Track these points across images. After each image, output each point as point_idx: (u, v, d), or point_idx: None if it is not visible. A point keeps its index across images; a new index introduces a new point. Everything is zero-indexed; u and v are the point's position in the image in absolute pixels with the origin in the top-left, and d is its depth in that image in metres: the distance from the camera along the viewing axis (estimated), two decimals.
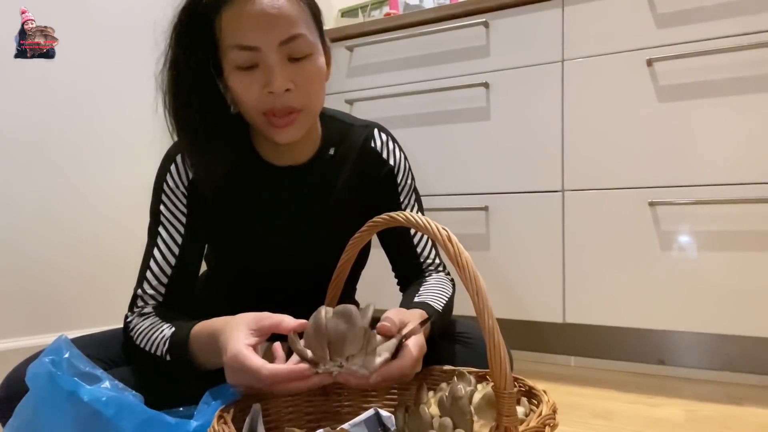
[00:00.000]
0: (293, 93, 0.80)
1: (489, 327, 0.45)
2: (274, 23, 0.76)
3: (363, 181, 0.97)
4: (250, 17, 0.76)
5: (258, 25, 0.76)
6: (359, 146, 0.97)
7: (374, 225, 0.64)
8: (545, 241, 1.58)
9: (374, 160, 0.98)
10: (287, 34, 0.77)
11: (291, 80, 0.79)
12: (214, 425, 0.54)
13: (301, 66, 0.80)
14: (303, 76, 0.80)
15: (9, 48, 1.38)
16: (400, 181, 1.00)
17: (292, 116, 0.81)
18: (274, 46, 0.77)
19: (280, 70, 0.78)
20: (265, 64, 0.78)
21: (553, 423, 0.52)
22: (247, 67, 0.78)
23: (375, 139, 0.99)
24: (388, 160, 0.99)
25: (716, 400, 1.33)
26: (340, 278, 0.73)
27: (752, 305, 1.35)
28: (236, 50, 0.77)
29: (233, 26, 0.77)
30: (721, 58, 1.37)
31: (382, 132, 1.01)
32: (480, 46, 1.68)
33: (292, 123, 0.82)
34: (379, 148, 0.99)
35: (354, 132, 0.99)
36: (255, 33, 0.76)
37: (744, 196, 1.35)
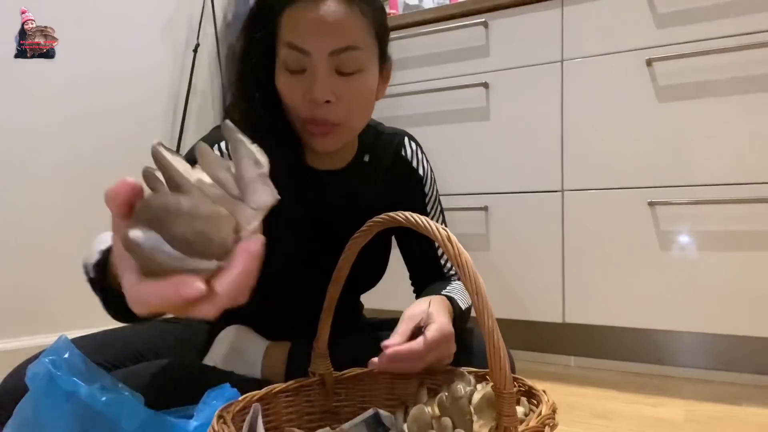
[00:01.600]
0: (334, 106, 0.78)
1: (489, 327, 0.45)
2: (330, 30, 0.75)
3: (394, 189, 0.98)
4: (308, 19, 0.75)
5: (313, 29, 0.75)
6: (391, 153, 0.98)
7: (374, 224, 0.64)
8: (545, 241, 1.58)
9: (405, 168, 0.99)
10: (340, 44, 0.76)
11: (334, 92, 0.77)
12: (214, 425, 0.54)
13: (348, 81, 0.78)
14: (347, 90, 0.78)
15: (9, 48, 1.38)
16: (428, 191, 1.01)
17: (329, 129, 0.80)
18: (325, 53, 0.76)
19: (323, 79, 0.76)
20: (312, 70, 0.77)
21: (553, 423, 0.52)
22: (295, 70, 0.78)
23: (406, 147, 1.00)
24: (418, 169, 1.00)
25: (716, 400, 1.33)
26: (338, 281, 0.72)
27: (752, 305, 1.35)
28: (288, 49, 0.77)
29: (291, 25, 0.76)
30: (721, 58, 1.37)
31: (411, 141, 1.02)
32: (480, 46, 1.68)
33: (327, 135, 0.81)
34: (409, 157, 1.00)
35: (385, 139, 0.99)
36: (309, 36, 0.75)
37: (744, 196, 1.35)
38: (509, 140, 1.64)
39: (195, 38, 1.91)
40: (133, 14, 1.76)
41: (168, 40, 1.86)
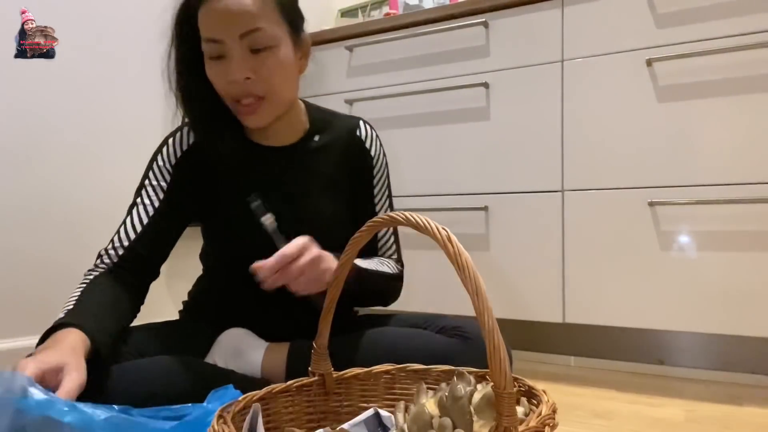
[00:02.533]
0: (254, 81, 0.89)
1: (489, 327, 0.45)
2: (235, 18, 0.86)
3: (347, 168, 1.06)
4: (216, 13, 0.87)
5: (221, 20, 0.87)
6: (345, 134, 1.06)
7: (374, 225, 0.64)
8: (545, 241, 1.58)
9: (358, 148, 1.07)
10: (246, 28, 0.87)
11: (251, 69, 0.88)
12: (214, 425, 0.54)
13: (262, 57, 0.89)
14: (263, 66, 0.89)
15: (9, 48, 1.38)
16: (376, 172, 1.08)
17: (254, 104, 0.91)
18: (235, 38, 0.87)
19: (238, 60, 0.88)
20: (228, 54, 0.88)
21: (553, 423, 0.52)
22: (216, 58, 0.89)
23: (360, 129, 1.08)
24: (370, 149, 1.08)
25: (716, 400, 1.33)
26: (340, 278, 0.72)
27: (752, 305, 1.35)
28: (206, 42, 0.89)
29: (204, 21, 0.88)
30: (721, 58, 1.37)
31: (366, 124, 1.10)
32: (480, 46, 1.68)
33: (255, 110, 0.92)
34: (363, 138, 1.08)
35: (339, 122, 1.08)
36: (218, 27, 0.87)
37: (744, 196, 1.35)
38: (509, 140, 1.64)
39: None
40: (133, 14, 1.76)
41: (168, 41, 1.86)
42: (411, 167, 1.78)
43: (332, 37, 1.90)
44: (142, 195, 0.98)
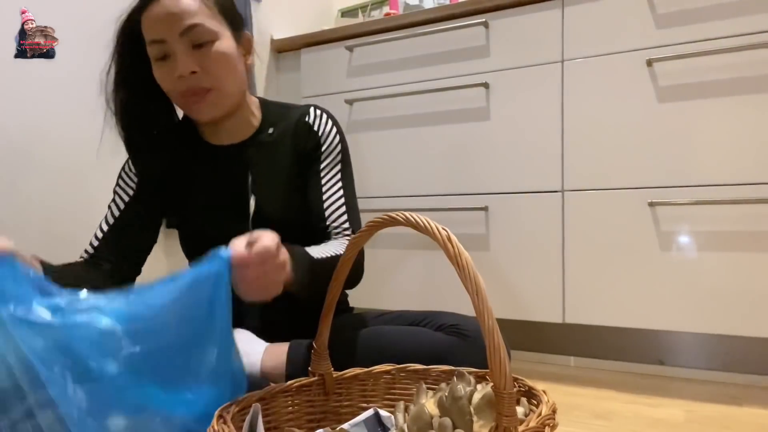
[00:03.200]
0: (200, 75, 0.93)
1: (489, 327, 0.45)
2: (174, 17, 0.91)
3: (295, 154, 1.07)
4: (156, 16, 0.92)
5: (161, 21, 0.91)
6: (295, 122, 1.08)
7: (374, 225, 0.64)
8: (545, 241, 1.58)
9: (305, 131, 1.08)
10: (185, 25, 0.91)
11: (196, 63, 0.93)
12: (214, 425, 0.54)
13: (205, 51, 0.93)
14: (207, 59, 0.94)
15: (9, 48, 1.38)
16: (325, 149, 1.07)
17: (203, 96, 0.95)
18: (176, 36, 0.91)
19: (182, 56, 0.92)
20: (172, 52, 0.93)
21: (553, 423, 0.52)
22: (161, 58, 0.94)
23: (310, 114, 1.09)
24: (316, 129, 1.07)
25: (716, 400, 1.33)
26: (339, 278, 0.72)
27: (752, 305, 1.35)
28: (150, 45, 0.94)
29: (147, 25, 0.93)
30: (721, 59, 1.37)
31: (318, 109, 1.10)
32: (480, 46, 1.68)
33: (204, 101, 0.96)
34: (311, 121, 1.08)
35: (292, 112, 1.10)
36: (160, 27, 0.92)
37: (744, 197, 1.35)
38: (509, 140, 1.64)
39: None
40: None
41: None
42: (411, 167, 1.78)
43: (332, 37, 1.90)
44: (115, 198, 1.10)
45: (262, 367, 0.94)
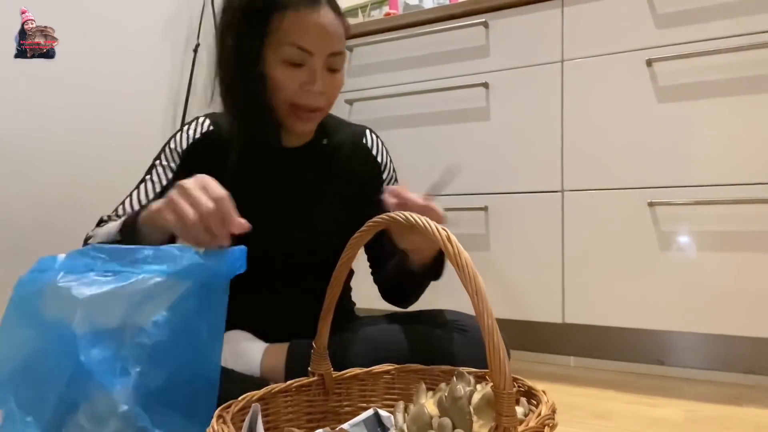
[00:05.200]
0: (323, 96, 0.95)
1: (488, 327, 0.45)
2: (330, 37, 0.91)
3: (353, 173, 1.07)
4: (314, 25, 0.90)
5: (318, 35, 0.90)
6: (352, 140, 1.09)
7: (374, 225, 0.64)
8: (545, 241, 1.58)
9: (364, 155, 1.10)
10: (336, 49, 0.93)
11: (325, 85, 0.93)
12: (213, 425, 0.54)
13: (334, 77, 0.96)
14: (332, 85, 0.96)
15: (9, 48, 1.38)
16: (385, 178, 1.11)
17: (315, 113, 0.96)
18: (324, 55, 0.91)
19: (322, 75, 0.92)
20: (310, 66, 0.91)
21: (553, 423, 0.52)
22: (294, 64, 0.91)
23: (367, 137, 1.11)
24: (377, 157, 1.10)
25: (716, 400, 1.33)
26: (339, 278, 0.72)
27: (752, 305, 1.35)
28: (293, 48, 0.90)
29: (297, 28, 0.89)
30: (721, 59, 1.37)
31: (373, 133, 1.13)
32: (480, 46, 1.68)
33: (313, 119, 0.98)
34: (369, 145, 1.10)
35: (346, 128, 1.11)
36: (314, 40, 0.90)
37: (744, 197, 1.35)
38: (509, 140, 1.64)
39: (195, 38, 1.91)
40: (133, 14, 1.76)
41: (168, 40, 1.86)
42: (410, 167, 1.77)
43: None
44: (152, 173, 1.01)
45: (261, 367, 0.94)
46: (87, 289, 0.64)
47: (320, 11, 0.90)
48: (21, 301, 0.67)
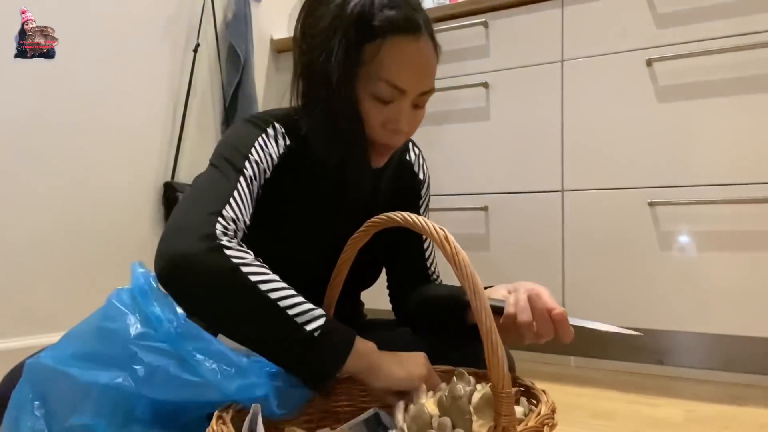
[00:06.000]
0: (404, 135, 0.86)
1: (486, 327, 0.45)
2: (424, 75, 0.81)
3: (397, 190, 1.01)
4: (412, 61, 0.79)
5: (415, 72, 0.80)
6: (398, 156, 1.01)
7: (373, 225, 0.64)
8: (545, 241, 1.58)
9: (408, 171, 1.03)
10: (428, 87, 0.82)
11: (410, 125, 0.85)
12: (213, 425, 0.54)
13: (417, 113, 0.85)
14: (415, 122, 0.87)
15: (9, 48, 1.38)
16: (423, 194, 1.05)
17: (392, 150, 0.88)
18: (417, 93, 0.81)
19: (408, 114, 0.82)
20: (399, 105, 0.81)
21: (552, 423, 0.52)
22: (383, 101, 0.81)
23: (410, 151, 1.05)
24: (419, 173, 1.05)
25: (716, 400, 1.33)
26: (338, 278, 0.73)
27: (752, 305, 1.35)
28: (384, 84, 0.79)
29: (393, 62, 0.78)
30: (721, 59, 1.37)
31: (415, 146, 1.06)
32: (480, 46, 1.68)
33: (388, 154, 0.88)
34: (412, 161, 1.04)
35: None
36: (410, 78, 0.79)
37: (743, 196, 1.35)
38: (509, 140, 1.64)
39: (195, 38, 1.91)
40: (133, 14, 1.76)
41: (168, 40, 1.86)
42: None
43: None
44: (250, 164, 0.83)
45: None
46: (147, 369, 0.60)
47: (420, 43, 0.79)
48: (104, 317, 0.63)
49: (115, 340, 0.60)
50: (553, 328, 0.74)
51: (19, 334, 1.48)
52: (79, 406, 0.60)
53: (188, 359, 0.59)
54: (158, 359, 0.59)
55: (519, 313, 0.75)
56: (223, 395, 0.60)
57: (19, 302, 1.50)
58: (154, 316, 0.61)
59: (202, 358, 0.60)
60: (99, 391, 0.59)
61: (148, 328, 0.61)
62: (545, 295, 0.76)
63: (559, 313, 0.73)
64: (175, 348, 0.60)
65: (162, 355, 0.59)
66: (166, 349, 0.60)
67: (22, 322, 1.49)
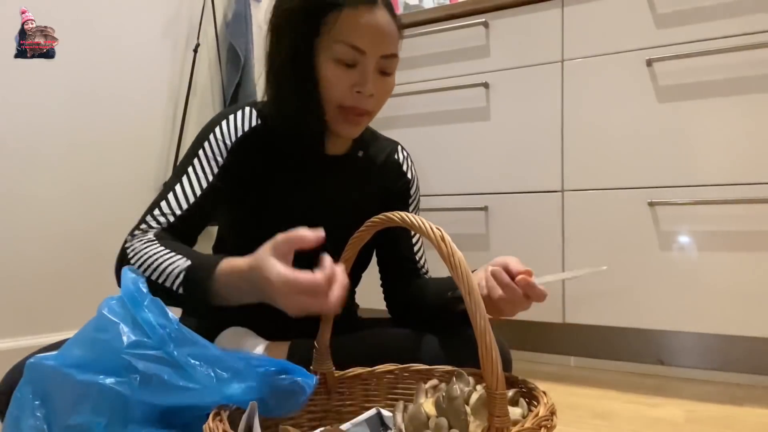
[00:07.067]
0: (373, 98, 0.91)
1: (481, 327, 0.45)
2: (385, 38, 0.88)
3: (383, 188, 1.07)
4: (369, 25, 0.87)
5: (373, 34, 0.87)
6: (385, 155, 1.09)
7: (372, 225, 0.65)
8: (545, 241, 1.58)
9: (395, 171, 1.09)
10: (390, 51, 0.90)
11: (376, 88, 0.90)
12: (210, 423, 0.55)
13: (385, 80, 0.92)
14: (383, 88, 0.93)
15: (9, 48, 1.38)
16: (412, 194, 1.11)
17: (363, 117, 0.93)
18: (377, 56, 0.88)
19: (373, 78, 0.89)
20: (362, 67, 0.88)
21: (550, 425, 0.51)
22: (346, 64, 0.88)
23: (398, 152, 1.11)
24: (407, 173, 1.10)
25: (716, 400, 1.33)
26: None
27: (752, 305, 1.35)
28: (345, 46, 0.87)
29: (351, 26, 0.86)
30: (721, 59, 1.37)
31: (404, 150, 1.13)
32: (480, 46, 1.68)
33: (360, 122, 0.94)
34: (400, 161, 1.10)
35: (379, 142, 1.11)
36: (368, 39, 0.87)
37: (744, 196, 1.35)
38: (509, 140, 1.64)
39: (195, 38, 1.91)
40: (133, 14, 1.76)
41: (168, 40, 1.87)
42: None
43: None
44: (195, 165, 0.93)
45: None
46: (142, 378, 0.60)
47: (376, 11, 0.87)
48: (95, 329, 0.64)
49: (108, 350, 0.60)
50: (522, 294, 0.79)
51: (19, 334, 1.48)
52: (79, 406, 0.60)
53: (183, 365, 0.60)
54: (153, 367, 0.59)
55: (490, 292, 0.81)
56: (220, 399, 0.60)
57: (19, 302, 1.50)
58: (146, 323, 0.61)
59: (197, 363, 0.61)
60: (98, 391, 0.59)
61: (140, 336, 0.60)
62: (512, 264, 0.82)
63: (521, 279, 0.79)
64: (169, 354, 0.60)
65: (156, 363, 0.59)
66: (160, 356, 0.60)
67: (22, 322, 1.50)
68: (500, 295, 0.80)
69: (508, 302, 0.81)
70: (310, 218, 0.95)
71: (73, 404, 0.60)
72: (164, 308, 0.65)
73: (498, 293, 0.80)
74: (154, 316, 0.62)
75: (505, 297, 0.80)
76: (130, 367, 0.59)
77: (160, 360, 0.60)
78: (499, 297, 0.80)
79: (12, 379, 0.78)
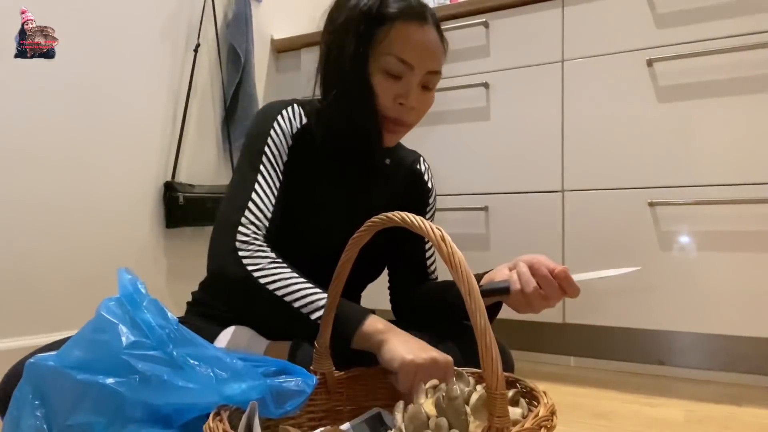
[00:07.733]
0: (414, 111, 0.96)
1: (481, 327, 0.45)
2: (432, 55, 0.92)
3: (405, 195, 1.11)
4: (418, 40, 0.91)
5: (422, 50, 0.91)
6: (409, 164, 1.13)
7: (372, 225, 0.64)
8: (545, 241, 1.58)
9: (418, 180, 1.13)
10: (435, 68, 0.93)
11: (417, 102, 0.94)
12: (210, 423, 0.55)
13: (426, 95, 0.96)
14: (424, 102, 0.97)
15: (9, 48, 1.38)
16: (431, 203, 1.15)
17: (402, 128, 0.97)
18: (423, 71, 0.92)
19: (417, 90, 0.93)
20: (408, 80, 0.92)
21: (550, 425, 0.51)
22: (393, 76, 0.92)
23: (421, 163, 1.16)
24: (427, 183, 1.14)
25: (716, 400, 1.33)
26: (340, 279, 0.72)
27: (752, 305, 1.35)
28: (394, 59, 0.90)
29: (401, 40, 0.90)
30: (721, 59, 1.37)
31: (425, 161, 1.18)
32: (480, 46, 1.68)
33: (399, 132, 0.98)
34: (422, 171, 1.15)
35: (403, 151, 1.15)
36: (417, 54, 0.90)
37: (744, 196, 1.35)
38: (509, 140, 1.64)
39: (195, 38, 1.91)
40: (133, 14, 1.76)
41: (168, 40, 1.86)
42: None
43: None
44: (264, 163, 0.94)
45: None
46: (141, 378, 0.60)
47: (426, 28, 0.91)
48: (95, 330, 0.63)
49: (107, 351, 0.60)
50: (558, 288, 0.83)
51: (19, 334, 1.48)
52: (79, 406, 0.60)
53: (182, 365, 0.60)
54: (152, 367, 0.59)
55: (524, 286, 0.84)
56: (220, 399, 0.60)
57: (19, 302, 1.50)
58: (145, 323, 0.61)
59: (196, 363, 0.61)
60: (98, 391, 0.59)
61: (139, 337, 0.60)
62: (544, 260, 0.85)
63: (561, 271, 0.82)
64: (168, 354, 0.60)
65: (155, 363, 0.59)
66: (159, 356, 0.60)
67: (22, 322, 1.50)
68: (534, 288, 0.83)
69: (542, 297, 0.83)
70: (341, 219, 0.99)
71: (73, 404, 0.60)
72: (163, 308, 0.65)
73: (532, 286, 0.83)
74: (152, 316, 0.62)
75: (539, 290, 0.83)
76: (129, 367, 0.59)
77: (159, 360, 0.60)
78: (534, 290, 0.83)
79: (12, 379, 0.78)
